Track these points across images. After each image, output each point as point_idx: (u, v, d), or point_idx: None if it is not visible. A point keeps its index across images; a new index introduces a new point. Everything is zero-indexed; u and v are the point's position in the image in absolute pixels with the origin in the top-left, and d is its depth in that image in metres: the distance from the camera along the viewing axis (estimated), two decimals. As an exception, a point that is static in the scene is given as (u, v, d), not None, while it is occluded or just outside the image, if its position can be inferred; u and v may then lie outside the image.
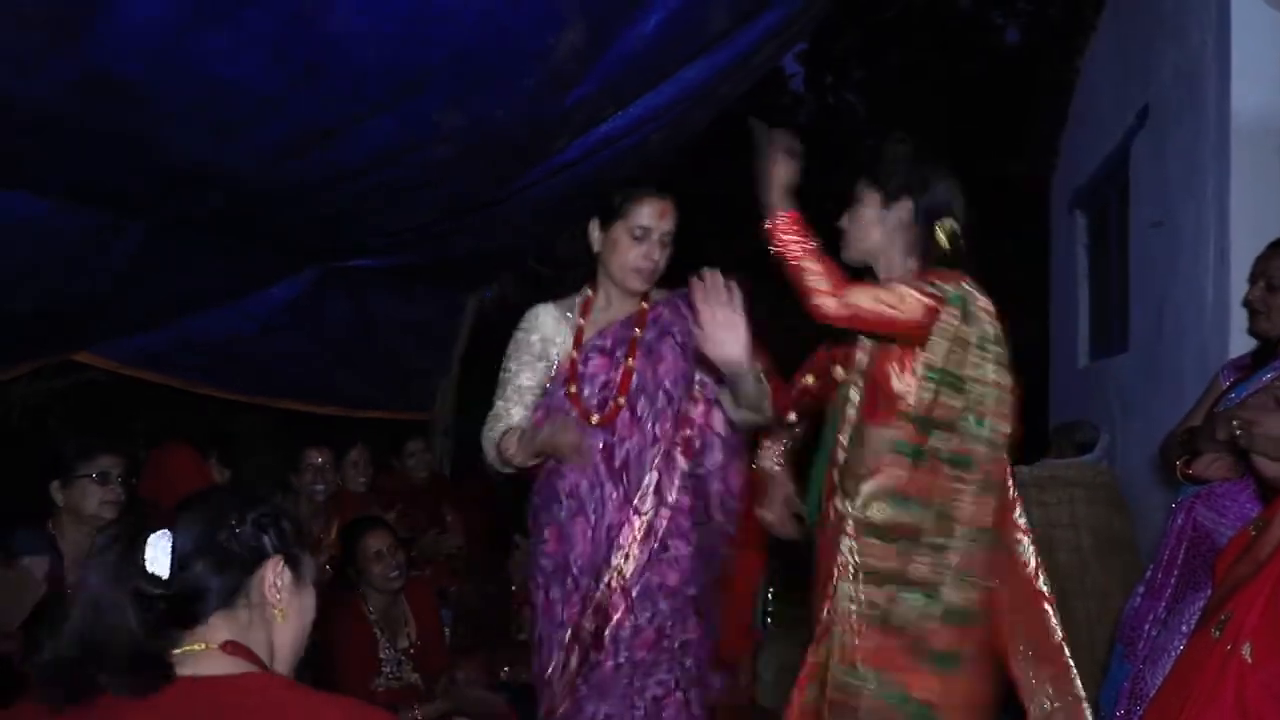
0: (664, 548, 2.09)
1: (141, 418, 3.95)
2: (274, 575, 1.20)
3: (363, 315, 3.88)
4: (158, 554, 1.13)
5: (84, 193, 2.30)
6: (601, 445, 2.10)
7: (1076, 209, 5.94)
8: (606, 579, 2.06)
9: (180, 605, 1.14)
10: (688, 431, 2.15)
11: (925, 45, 11.37)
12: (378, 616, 2.98)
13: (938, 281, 1.87)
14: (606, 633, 2.05)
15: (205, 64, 1.80)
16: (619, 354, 2.16)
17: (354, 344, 3.98)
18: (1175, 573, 2.33)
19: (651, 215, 2.11)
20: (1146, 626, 2.36)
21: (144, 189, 2.34)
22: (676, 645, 2.09)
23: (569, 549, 2.09)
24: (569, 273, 2.31)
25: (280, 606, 1.20)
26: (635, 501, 2.09)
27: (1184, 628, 2.12)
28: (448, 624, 3.54)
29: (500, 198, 3.01)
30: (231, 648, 1.13)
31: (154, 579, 1.12)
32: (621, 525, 2.07)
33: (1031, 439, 5.29)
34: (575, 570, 2.09)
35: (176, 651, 1.12)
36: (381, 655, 2.93)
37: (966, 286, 1.89)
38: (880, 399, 1.91)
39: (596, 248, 2.17)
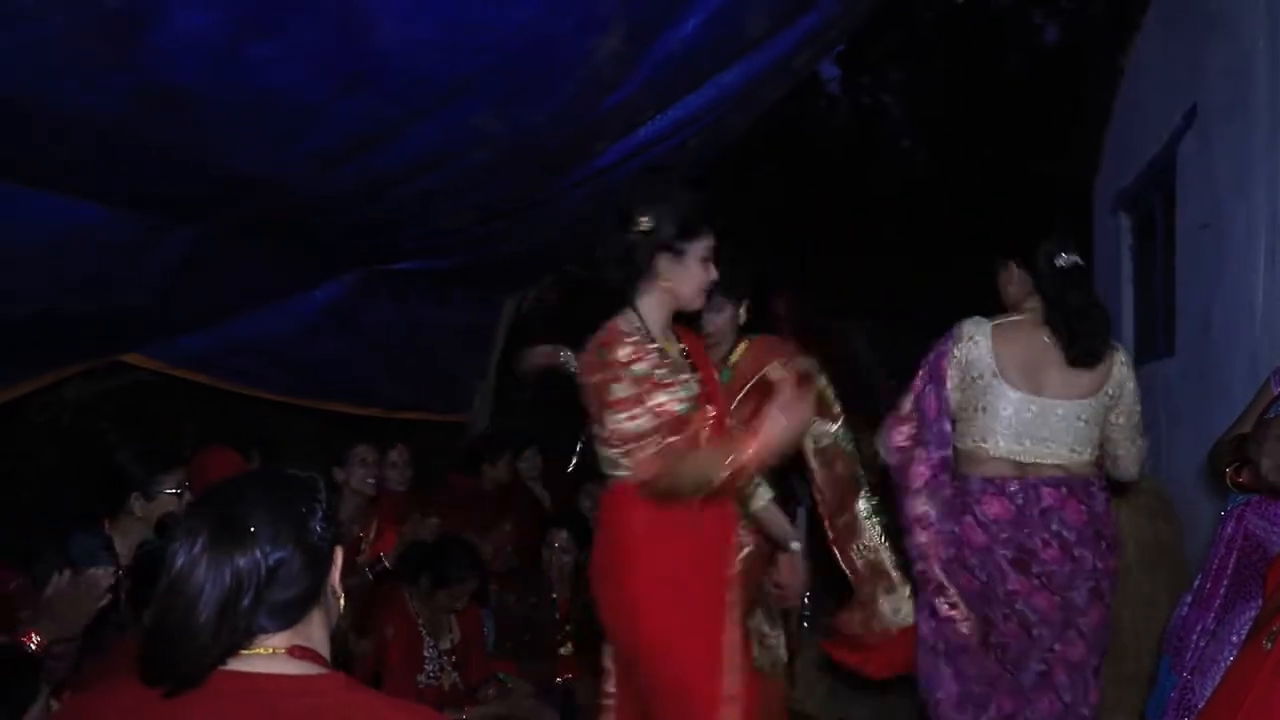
0: None
1: (189, 418, 4.02)
2: (339, 564, 1.20)
3: (405, 318, 3.93)
4: (257, 561, 1.09)
5: (136, 199, 2.35)
6: None
7: (1121, 211, 5.84)
8: None
9: (277, 611, 1.11)
10: None
11: (964, 46, 11.26)
12: (423, 616, 3.03)
13: None
14: None
15: (254, 74, 1.83)
16: None
17: (396, 346, 4.03)
18: (1225, 582, 2.28)
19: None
20: (1194, 637, 2.31)
21: (194, 195, 2.39)
22: None
23: None
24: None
25: (340, 594, 1.20)
26: None
27: (1234, 638, 2.08)
28: (489, 626, 3.57)
29: (540, 201, 3.03)
30: (299, 652, 1.12)
31: (252, 583, 1.09)
32: None
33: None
34: None
35: (244, 653, 1.11)
36: (425, 654, 2.98)
37: None
38: None
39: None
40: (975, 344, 2.42)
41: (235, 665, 1.10)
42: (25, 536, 2.69)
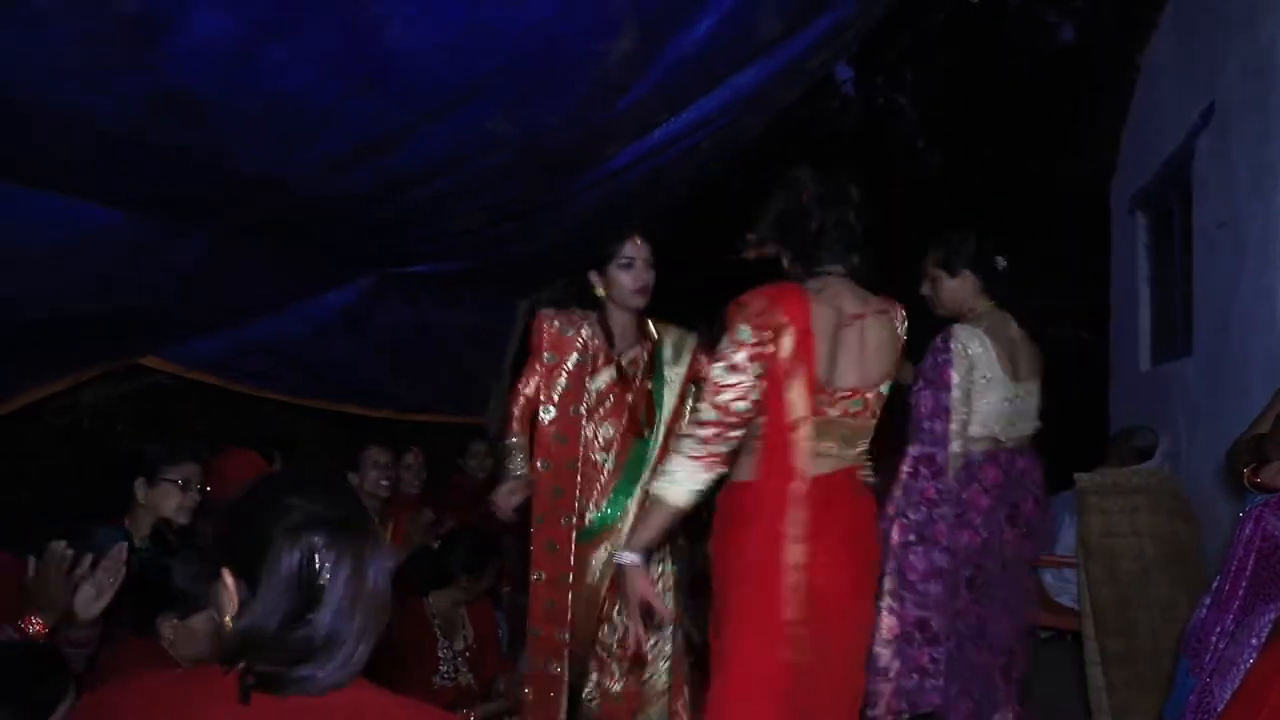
0: None
1: (205, 420, 4.05)
2: None
3: (418, 320, 3.94)
4: (380, 573, 1.14)
5: (151, 202, 2.37)
6: None
7: (1138, 210, 5.80)
8: None
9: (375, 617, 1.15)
10: None
11: (979, 46, 11.21)
12: (439, 619, 3.05)
13: None
14: None
15: (266, 78, 1.84)
16: None
17: (409, 348, 4.05)
18: (1244, 584, 2.26)
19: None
20: (1213, 639, 2.30)
21: (208, 199, 2.40)
22: None
23: None
24: None
25: None
26: None
27: (1253, 641, 2.07)
28: (502, 629, 3.58)
29: (553, 203, 3.04)
30: None
31: (381, 597, 1.13)
32: None
33: (1092, 445, 5.19)
34: None
35: None
36: (439, 655, 2.99)
37: None
38: None
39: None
40: (975, 349, 2.69)
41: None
42: (44, 537, 2.71)
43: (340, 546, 1.11)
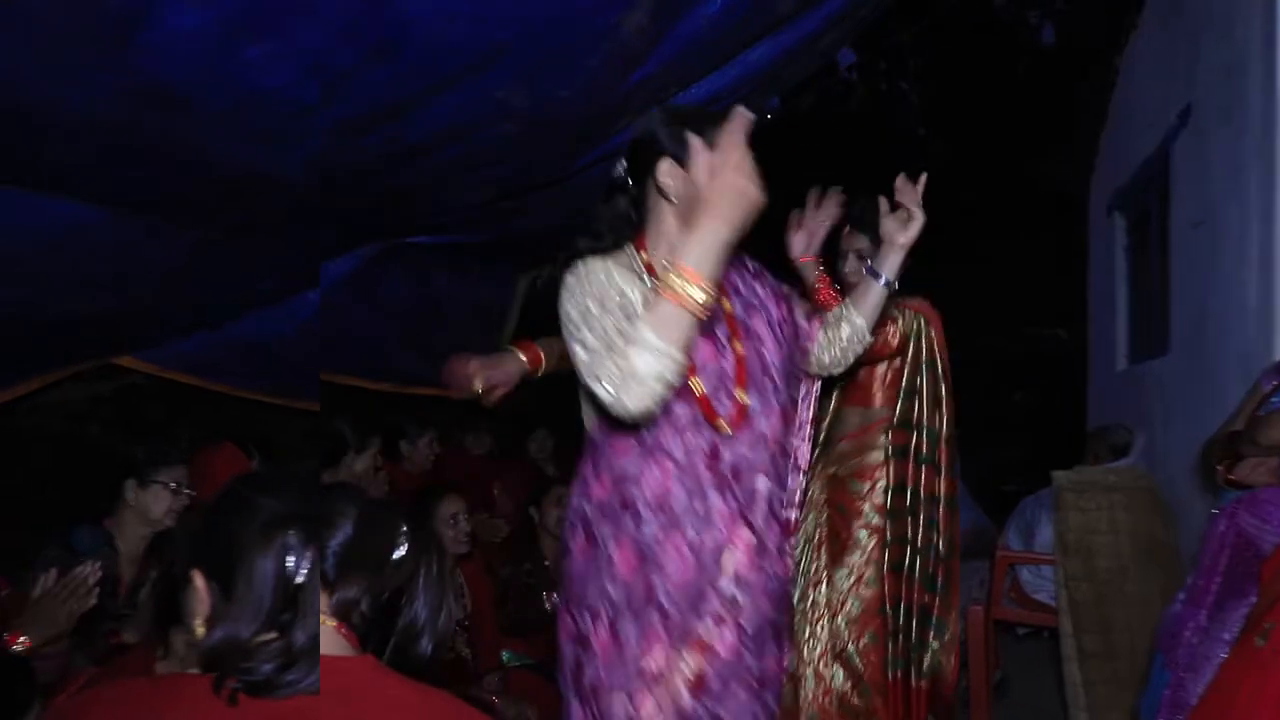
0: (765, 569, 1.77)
1: (183, 421, 4.02)
2: None
3: (420, 292, 3.86)
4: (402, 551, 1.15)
5: (135, 198, 2.33)
6: (708, 448, 1.72)
7: (1116, 210, 5.86)
8: (710, 610, 1.71)
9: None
10: (795, 431, 1.92)
11: (958, 47, 11.27)
12: None
13: None
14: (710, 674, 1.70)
15: (281, 41, 1.79)
16: (720, 334, 1.75)
17: (409, 320, 3.97)
18: (1217, 580, 2.29)
19: None
20: (1187, 634, 2.33)
21: (203, 187, 2.34)
22: (759, 680, 1.75)
23: (654, 572, 1.69)
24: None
25: None
26: (748, 515, 1.73)
27: (1226, 636, 2.10)
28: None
29: (561, 177, 3.00)
30: (345, 629, 1.12)
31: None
32: (730, 543, 1.72)
33: (1070, 443, 5.21)
34: (663, 600, 1.69)
35: None
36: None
37: None
38: None
39: (672, 193, 1.72)
40: None
41: None
42: (20, 541, 2.68)
43: (314, 545, 1.08)
